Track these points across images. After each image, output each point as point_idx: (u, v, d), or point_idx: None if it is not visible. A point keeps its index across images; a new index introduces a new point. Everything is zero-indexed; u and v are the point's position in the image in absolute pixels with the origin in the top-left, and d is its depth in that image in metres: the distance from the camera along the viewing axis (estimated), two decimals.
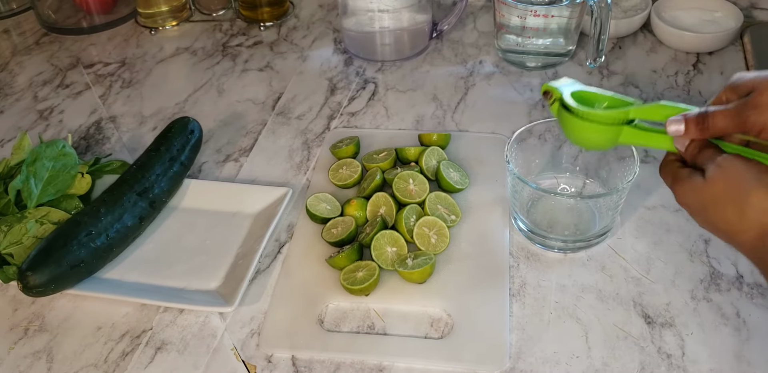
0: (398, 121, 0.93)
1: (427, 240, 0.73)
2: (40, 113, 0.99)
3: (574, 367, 0.64)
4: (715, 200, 0.56)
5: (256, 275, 0.74)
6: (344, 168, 0.83)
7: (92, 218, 0.72)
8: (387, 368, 0.65)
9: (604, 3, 0.88)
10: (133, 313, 0.71)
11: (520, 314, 0.69)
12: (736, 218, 0.54)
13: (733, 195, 0.54)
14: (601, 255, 0.74)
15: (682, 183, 0.58)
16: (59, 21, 1.16)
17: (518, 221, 0.76)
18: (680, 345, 0.65)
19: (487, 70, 1.01)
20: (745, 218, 0.54)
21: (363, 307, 0.70)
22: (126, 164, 0.85)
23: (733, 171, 0.55)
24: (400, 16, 0.99)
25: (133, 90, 1.02)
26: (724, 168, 0.56)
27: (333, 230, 0.76)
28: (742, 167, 0.55)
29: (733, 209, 0.54)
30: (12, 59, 1.11)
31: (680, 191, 0.59)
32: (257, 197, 0.81)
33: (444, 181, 0.79)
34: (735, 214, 0.54)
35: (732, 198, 0.55)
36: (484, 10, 1.14)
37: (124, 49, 1.11)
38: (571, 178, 0.80)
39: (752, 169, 0.54)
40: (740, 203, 0.54)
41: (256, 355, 0.67)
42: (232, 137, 0.92)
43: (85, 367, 0.67)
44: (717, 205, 0.56)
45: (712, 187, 0.56)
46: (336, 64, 1.05)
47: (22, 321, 0.71)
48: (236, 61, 1.07)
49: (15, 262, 0.72)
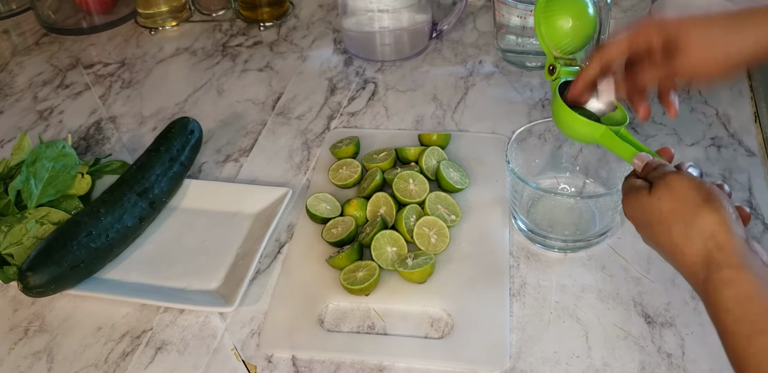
0: (398, 121, 0.93)
1: (427, 240, 0.73)
2: (39, 114, 0.99)
3: (574, 367, 0.64)
4: (660, 218, 0.55)
5: (256, 275, 0.74)
6: (344, 168, 0.83)
7: (92, 219, 0.72)
8: (387, 368, 0.65)
9: (604, 2, 0.88)
10: (133, 313, 0.71)
11: (521, 313, 0.69)
12: (680, 240, 0.53)
13: (679, 216, 0.53)
14: (601, 255, 0.74)
15: (630, 196, 0.58)
16: (59, 21, 1.16)
17: (518, 221, 0.76)
18: (680, 345, 0.65)
19: (487, 70, 1.01)
20: (688, 241, 0.53)
21: (363, 307, 0.70)
22: (126, 165, 0.85)
23: (681, 190, 0.54)
24: (400, 16, 0.99)
25: (132, 90, 1.02)
26: (671, 187, 0.55)
27: (333, 230, 0.76)
28: (691, 187, 0.54)
29: (678, 230, 0.53)
30: (12, 60, 1.11)
31: (627, 203, 0.59)
32: (257, 197, 0.81)
33: (444, 181, 0.79)
34: (679, 235, 0.53)
35: (678, 219, 0.54)
36: (484, 10, 1.14)
37: (124, 49, 1.11)
38: (571, 178, 0.80)
39: (701, 190, 0.54)
40: (686, 225, 0.53)
41: (256, 355, 0.67)
42: (232, 137, 0.92)
43: (86, 367, 0.67)
44: (662, 224, 0.55)
45: (659, 204, 0.55)
46: (336, 64, 1.05)
47: (23, 321, 0.71)
48: (236, 62, 1.07)
49: (15, 262, 0.72)
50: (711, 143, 0.86)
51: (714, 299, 0.50)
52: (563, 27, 0.69)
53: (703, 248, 0.52)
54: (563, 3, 0.70)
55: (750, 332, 0.47)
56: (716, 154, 0.84)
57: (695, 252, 0.52)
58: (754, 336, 0.47)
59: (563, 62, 0.70)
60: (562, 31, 0.70)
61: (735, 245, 0.51)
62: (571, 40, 0.70)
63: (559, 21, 0.69)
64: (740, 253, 0.50)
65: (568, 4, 0.70)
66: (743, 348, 0.48)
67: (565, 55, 0.71)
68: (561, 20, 0.69)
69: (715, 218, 0.52)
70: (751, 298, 0.48)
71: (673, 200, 0.54)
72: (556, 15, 0.70)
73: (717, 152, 0.85)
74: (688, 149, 0.86)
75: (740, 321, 0.48)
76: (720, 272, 0.50)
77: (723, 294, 0.50)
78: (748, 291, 0.49)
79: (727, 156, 0.84)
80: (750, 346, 0.47)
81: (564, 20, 0.69)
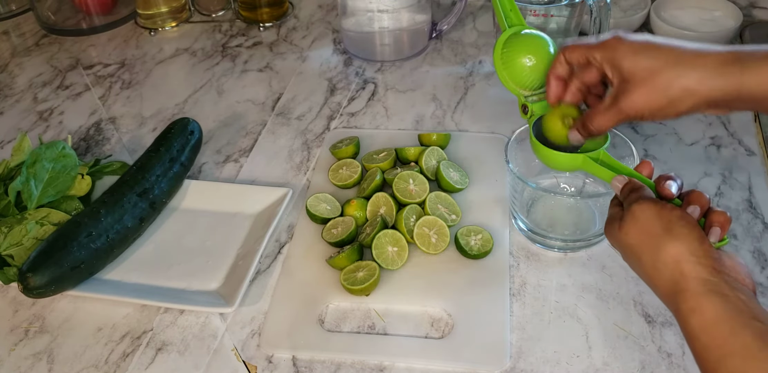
0: (398, 121, 0.93)
1: (428, 240, 0.73)
2: (39, 114, 0.99)
3: (574, 366, 0.64)
4: (631, 251, 0.56)
5: (256, 275, 0.74)
6: (344, 168, 0.83)
7: (92, 219, 0.72)
8: (387, 368, 0.65)
9: (603, 2, 0.88)
10: (134, 314, 0.71)
11: (521, 313, 0.69)
12: (651, 272, 0.54)
13: (644, 248, 0.54)
14: (601, 254, 0.74)
15: (608, 227, 0.59)
16: (59, 22, 1.17)
17: (518, 221, 0.76)
18: (681, 344, 0.65)
19: (486, 70, 1.01)
20: (657, 272, 0.53)
21: (363, 307, 0.70)
22: (126, 165, 0.85)
23: (643, 220, 0.55)
24: (400, 16, 0.99)
25: (132, 91, 1.03)
26: (636, 218, 0.55)
27: (333, 231, 0.76)
28: (653, 216, 0.54)
29: (646, 261, 0.54)
30: (12, 60, 1.11)
31: (606, 234, 0.59)
32: (257, 198, 0.81)
33: (444, 181, 0.79)
34: (649, 267, 0.54)
35: (644, 251, 0.54)
36: (484, 10, 1.14)
37: (124, 50, 1.11)
38: (570, 178, 0.80)
39: (662, 218, 0.54)
40: (652, 257, 0.54)
41: (256, 355, 0.67)
42: (232, 138, 0.92)
43: (86, 368, 0.67)
44: (633, 256, 0.56)
45: (627, 239, 0.55)
46: (335, 65, 1.05)
47: (23, 322, 0.71)
48: (236, 62, 1.07)
49: (15, 263, 0.72)
50: (711, 143, 0.86)
51: (684, 327, 0.51)
52: (524, 66, 0.70)
53: (669, 278, 0.52)
54: (518, 43, 0.70)
55: (717, 357, 0.48)
56: (716, 154, 0.84)
57: (665, 283, 0.53)
58: (722, 360, 0.48)
59: (536, 98, 0.71)
60: (524, 71, 0.70)
61: (698, 272, 0.51)
62: (535, 76, 0.70)
63: (519, 61, 0.70)
64: (703, 279, 0.51)
65: (523, 43, 0.70)
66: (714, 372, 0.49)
67: (535, 91, 0.71)
68: (520, 60, 0.69)
69: (677, 247, 0.52)
70: (716, 323, 0.49)
71: (639, 233, 0.55)
72: (514, 57, 0.70)
73: (717, 152, 0.85)
74: (687, 149, 0.86)
75: (707, 347, 0.49)
76: (686, 301, 0.51)
77: (690, 323, 0.50)
78: (712, 317, 0.49)
79: (726, 155, 0.84)
80: (719, 370, 0.48)
81: (523, 60, 0.69)
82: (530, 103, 0.70)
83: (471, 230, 0.74)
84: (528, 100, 0.71)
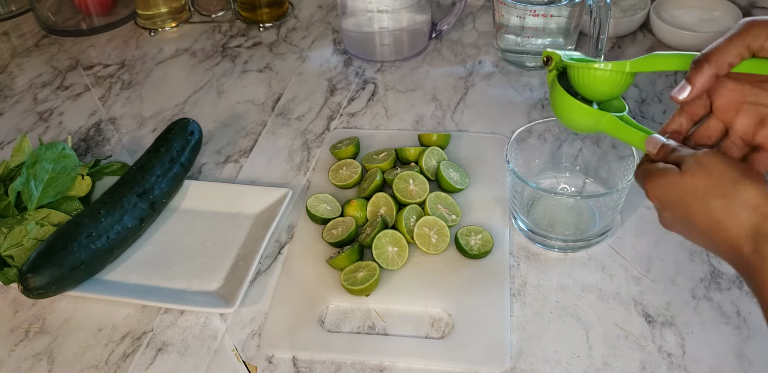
0: (398, 121, 0.93)
1: (428, 240, 0.73)
2: (39, 115, 0.99)
3: (574, 366, 0.64)
4: (696, 194, 0.52)
5: (256, 275, 0.74)
6: (344, 169, 0.83)
7: (92, 220, 0.72)
8: (388, 368, 0.65)
9: (603, 2, 0.88)
10: (134, 314, 0.71)
11: (521, 313, 0.69)
12: (722, 215, 0.51)
13: (718, 191, 0.51)
14: (602, 254, 0.74)
15: (656, 176, 0.55)
16: (59, 23, 1.17)
17: (518, 221, 0.76)
18: (681, 344, 0.65)
19: (486, 70, 1.01)
20: (731, 215, 0.50)
21: (363, 307, 0.70)
22: (126, 166, 0.85)
23: (716, 166, 0.52)
24: (400, 16, 0.99)
25: (132, 91, 1.03)
26: (704, 164, 0.52)
27: (333, 231, 0.76)
28: (725, 163, 0.52)
29: (718, 204, 0.51)
30: (11, 61, 1.11)
31: (653, 184, 0.55)
32: (257, 198, 0.81)
33: (444, 181, 0.79)
34: (720, 210, 0.51)
35: (717, 194, 0.51)
36: (484, 10, 1.14)
37: (124, 50, 1.11)
38: (571, 178, 0.80)
39: (736, 165, 0.52)
40: (727, 199, 0.50)
41: (256, 356, 0.67)
42: (232, 138, 0.92)
43: (86, 368, 0.67)
44: (699, 200, 0.52)
45: (693, 182, 0.52)
46: (335, 65, 1.05)
47: (23, 323, 0.71)
48: (236, 62, 1.07)
49: (15, 264, 0.72)
50: None
51: (761, 270, 0.48)
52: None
53: (747, 220, 0.50)
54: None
55: None
56: None
57: (739, 226, 0.50)
58: None
59: None
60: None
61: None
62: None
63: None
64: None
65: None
66: None
67: None
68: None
69: (758, 190, 0.50)
70: None
71: (709, 176, 0.52)
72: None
73: None
74: None
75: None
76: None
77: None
78: None
79: None
80: None
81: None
82: (556, 53, 0.65)
83: (471, 230, 0.74)
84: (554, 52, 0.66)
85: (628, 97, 0.94)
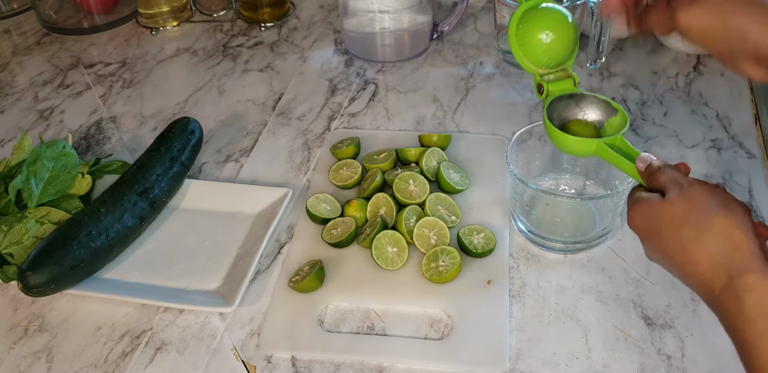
0: (398, 122, 0.93)
1: (427, 241, 0.73)
2: (40, 113, 0.99)
3: (573, 368, 0.64)
4: (671, 222, 0.51)
5: (256, 275, 0.74)
6: (344, 169, 0.83)
7: (92, 218, 0.72)
8: (387, 368, 0.65)
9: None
10: (133, 313, 0.71)
11: (520, 315, 0.69)
12: (692, 245, 0.49)
13: (691, 219, 0.50)
14: (601, 256, 0.74)
15: (638, 205, 0.55)
16: (60, 21, 1.17)
17: (518, 222, 0.76)
18: (680, 347, 0.65)
19: (487, 72, 1.01)
20: (701, 246, 0.49)
21: (363, 307, 0.70)
22: (126, 165, 0.85)
23: (696, 195, 0.51)
24: (401, 17, 0.99)
25: (133, 90, 1.03)
26: (686, 192, 0.52)
27: (333, 231, 0.76)
28: (706, 192, 0.51)
29: (689, 233, 0.50)
30: (13, 59, 1.11)
31: (635, 212, 0.55)
32: (257, 198, 0.81)
33: (444, 182, 0.80)
34: (691, 240, 0.50)
35: (690, 222, 0.50)
36: (485, 11, 1.14)
37: (125, 49, 1.11)
38: (571, 180, 0.80)
39: (717, 195, 0.51)
40: (698, 228, 0.49)
41: (255, 355, 0.67)
42: (233, 138, 0.92)
43: (85, 367, 0.67)
44: (671, 228, 0.51)
45: (672, 208, 0.52)
46: (336, 65, 1.05)
47: (22, 321, 0.71)
48: (237, 62, 1.07)
49: (15, 262, 0.72)
50: (711, 145, 0.86)
51: (734, 309, 0.46)
52: (541, 43, 0.65)
53: (718, 251, 0.48)
54: (535, 18, 0.66)
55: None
56: (716, 157, 0.85)
57: (709, 257, 0.48)
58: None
59: (553, 77, 0.68)
60: (541, 48, 0.65)
61: (754, 248, 0.47)
62: (553, 53, 0.66)
63: (535, 38, 0.65)
64: (761, 257, 0.47)
65: (541, 18, 0.66)
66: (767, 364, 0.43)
67: (552, 69, 0.67)
68: (537, 37, 0.65)
69: (731, 220, 0.49)
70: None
71: (688, 205, 0.51)
72: (531, 33, 0.66)
73: (717, 154, 0.85)
74: (688, 151, 0.86)
75: (765, 333, 0.44)
76: (742, 277, 0.46)
77: (745, 303, 0.45)
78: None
79: (727, 158, 0.84)
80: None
81: (540, 36, 0.65)
82: (546, 83, 0.67)
83: (473, 229, 0.74)
84: (544, 79, 0.67)
85: (628, 99, 0.94)
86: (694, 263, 0.49)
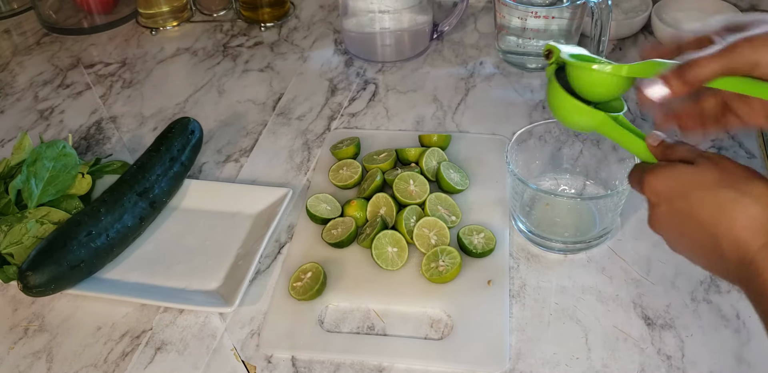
0: (398, 122, 0.93)
1: (427, 241, 0.73)
2: (40, 113, 0.99)
3: (573, 368, 0.64)
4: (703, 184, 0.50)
5: (256, 275, 0.74)
6: (344, 169, 0.83)
7: (92, 218, 0.72)
8: (387, 368, 0.65)
9: (605, 4, 0.88)
10: (133, 313, 0.71)
11: (520, 315, 0.69)
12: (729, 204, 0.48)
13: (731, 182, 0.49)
14: (601, 256, 0.74)
15: (661, 169, 0.53)
16: (60, 21, 1.17)
17: (518, 222, 0.76)
18: (680, 347, 0.65)
19: (487, 72, 1.01)
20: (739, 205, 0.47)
21: (363, 308, 0.70)
22: (126, 165, 0.85)
23: (728, 164, 0.50)
24: (401, 17, 0.99)
25: (133, 90, 1.03)
26: (717, 161, 0.51)
27: (333, 231, 0.76)
28: (737, 164, 0.51)
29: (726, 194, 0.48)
30: (12, 59, 1.11)
31: (656, 177, 0.53)
32: (257, 198, 0.81)
33: (444, 182, 0.80)
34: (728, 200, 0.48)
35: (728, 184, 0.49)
36: (485, 12, 1.14)
37: (125, 49, 1.11)
38: (571, 180, 0.80)
39: (748, 167, 0.50)
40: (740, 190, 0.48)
41: (255, 355, 0.67)
42: (233, 138, 0.92)
43: (85, 367, 0.67)
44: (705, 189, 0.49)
45: (704, 173, 0.50)
46: (336, 65, 1.05)
47: (22, 321, 0.71)
48: (237, 62, 1.07)
49: (15, 262, 0.72)
50: (711, 145, 0.86)
51: (762, 280, 0.45)
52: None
53: (758, 213, 0.47)
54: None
55: None
56: None
57: (749, 216, 0.47)
58: None
59: None
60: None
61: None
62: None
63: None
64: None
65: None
66: None
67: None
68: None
69: (763, 189, 0.47)
70: None
71: (721, 171, 0.50)
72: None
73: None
74: None
75: None
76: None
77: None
78: None
79: None
80: None
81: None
82: (557, 48, 0.63)
83: (473, 229, 0.74)
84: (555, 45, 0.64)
85: (629, 99, 0.94)
86: (730, 220, 0.48)
